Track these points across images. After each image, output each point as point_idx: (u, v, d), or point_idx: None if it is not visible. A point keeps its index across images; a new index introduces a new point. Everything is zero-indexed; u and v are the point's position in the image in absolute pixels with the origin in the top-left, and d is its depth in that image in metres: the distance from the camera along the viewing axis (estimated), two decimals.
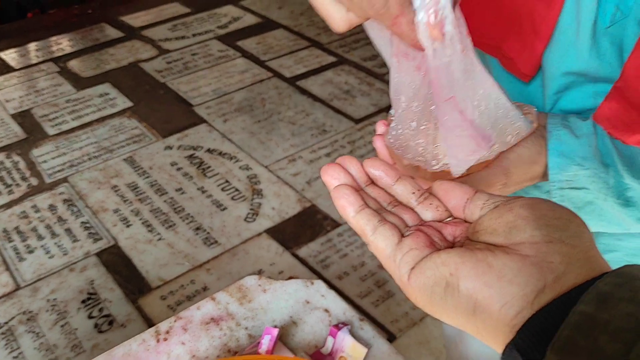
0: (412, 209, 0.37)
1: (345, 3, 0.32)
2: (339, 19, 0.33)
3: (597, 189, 0.47)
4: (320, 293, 0.81)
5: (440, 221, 0.36)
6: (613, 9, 0.44)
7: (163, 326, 0.79)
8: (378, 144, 0.45)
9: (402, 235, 0.34)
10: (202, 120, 2.44)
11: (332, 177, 0.36)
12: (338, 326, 0.73)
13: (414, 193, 0.37)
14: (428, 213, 0.36)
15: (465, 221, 0.35)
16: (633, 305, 0.25)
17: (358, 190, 0.36)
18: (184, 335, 0.78)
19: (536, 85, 0.53)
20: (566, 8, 0.46)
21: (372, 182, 0.38)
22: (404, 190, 0.37)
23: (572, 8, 0.46)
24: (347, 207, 0.35)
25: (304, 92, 2.59)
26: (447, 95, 0.33)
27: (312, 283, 0.82)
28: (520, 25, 0.50)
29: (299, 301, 0.80)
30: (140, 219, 1.95)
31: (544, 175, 0.48)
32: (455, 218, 0.36)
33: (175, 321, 0.80)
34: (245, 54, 2.90)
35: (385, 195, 0.37)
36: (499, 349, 0.30)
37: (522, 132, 0.43)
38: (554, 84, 0.50)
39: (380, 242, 0.34)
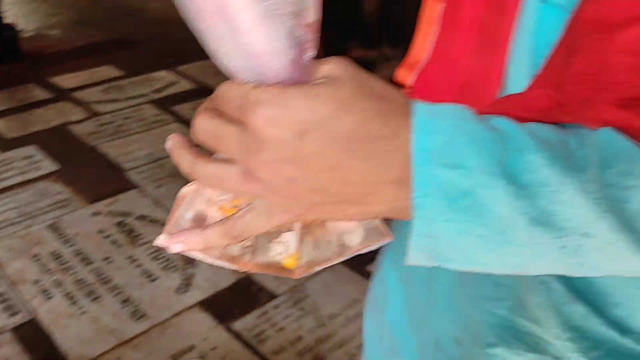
0: None
1: None
2: None
3: (481, 165, 0.32)
4: None
5: None
6: (543, 59, 0.46)
7: None
8: None
9: None
10: (134, 186, 2.36)
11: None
12: None
13: None
14: None
15: None
16: None
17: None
18: None
19: None
20: (509, 55, 0.47)
21: None
22: None
23: (515, 55, 0.47)
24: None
25: None
26: None
27: None
28: (474, 81, 0.51)
29: None
30: (63, 291, 1.83)
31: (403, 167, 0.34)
32: None
33: None
34: (180, 119, 2.87)
35: None
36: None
37: None
38: None
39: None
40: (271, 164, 0.33)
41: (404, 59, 0.58)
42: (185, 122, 2.83)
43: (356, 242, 0.39)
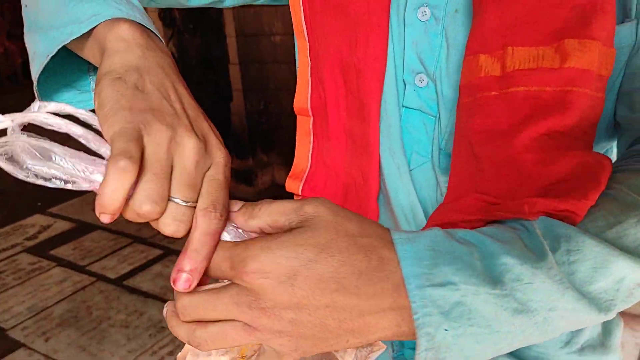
0: None
1: None
2: None
3: (464, 278, 0.37)
4: None
5: None
6: (412, 154, 0.53)
7: None
8: None
9: None
10: (19, 345, 2.16)
11: None
12: None
13: None
14: None
15: None
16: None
17: None
18: None
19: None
20: (383, 156, 0.54)
21: None
22: None
23: (388, 155, 0.53)
24: None
25: (133, 291, 2.47)
26: None
27: None
28: (354, 183, 0.56)
29: None
30: None
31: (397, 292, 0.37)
32: None
33: None
34: (61, 263, 2.71)
35: None
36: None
37: None
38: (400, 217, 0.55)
39: None
40: (271, 310, 0.35)
41: (291, 170, 0.63)
42: (67, 264, 2.68)
43: (351, 358, 0.41)
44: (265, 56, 3.20)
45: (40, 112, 0.36)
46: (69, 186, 0.35)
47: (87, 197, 3.43)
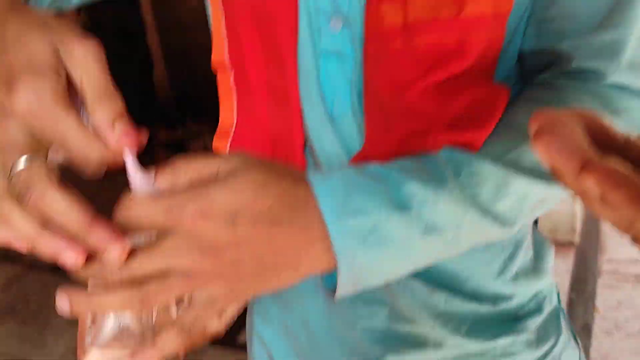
0: None
1: None
2: None
3: (375, 205, 0.40)
4: None
5: None
6: (334, 102, 0.52)
7: None
8: None
9: None
10: None
11: None
12: None
13: None
14: None
15: None
16: None
17: None
18: None
19: None
20: (304, 106, 0.53)
21: None
22: None
23: (309, 105, 0.53)
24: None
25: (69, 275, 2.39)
26: None
27: None
28: (280, 135, 0.56)
29: None
30: None
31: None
32: None
33: None
34: None
35: None
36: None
37: None
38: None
39: None
40: (213, 251, 0.36)
41: (217, 129, 0.61)
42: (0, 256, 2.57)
43: None
44: (184, 21, 3.09)
45: None
46: None
47: None
